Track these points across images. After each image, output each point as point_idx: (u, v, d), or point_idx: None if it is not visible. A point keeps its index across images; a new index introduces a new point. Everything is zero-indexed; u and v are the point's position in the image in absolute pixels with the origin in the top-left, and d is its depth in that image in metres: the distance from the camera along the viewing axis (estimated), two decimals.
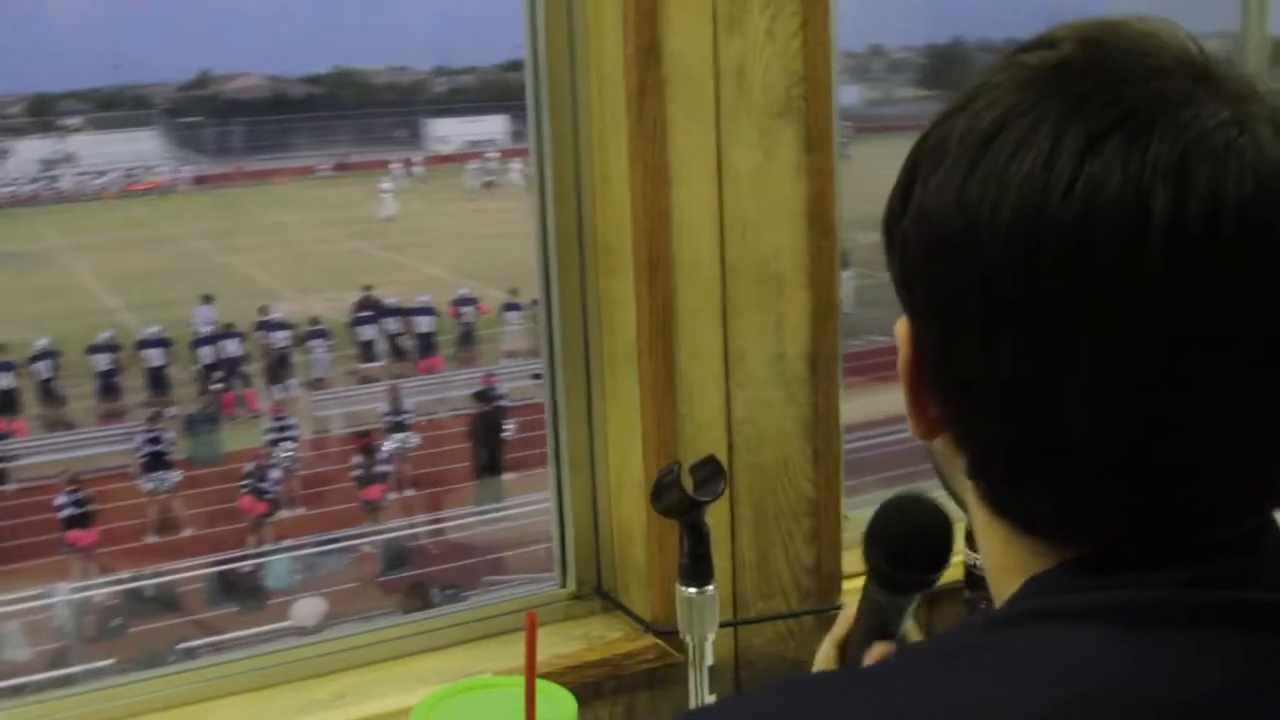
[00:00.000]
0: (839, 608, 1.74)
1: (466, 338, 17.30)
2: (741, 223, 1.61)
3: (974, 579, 1.53)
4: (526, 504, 12.57)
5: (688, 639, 1.39)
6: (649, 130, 1.55)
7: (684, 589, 1.38)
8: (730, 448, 1.66)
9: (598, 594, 1.75)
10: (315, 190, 27.14)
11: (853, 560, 1.76)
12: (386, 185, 24.98)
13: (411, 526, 12.32)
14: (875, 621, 1.05)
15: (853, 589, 1.72)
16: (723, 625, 1.61)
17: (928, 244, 0.70)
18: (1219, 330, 0.63)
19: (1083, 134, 0.64)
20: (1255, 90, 0.66)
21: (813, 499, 1.71)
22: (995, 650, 0.68)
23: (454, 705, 1.21)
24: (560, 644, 1.67)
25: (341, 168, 28.11)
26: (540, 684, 1.19)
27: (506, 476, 13.01)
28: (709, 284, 1.61)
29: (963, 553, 1.47)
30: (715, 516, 1.58)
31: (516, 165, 27.79)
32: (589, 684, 1.60)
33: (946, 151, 0.69)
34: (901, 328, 0.75)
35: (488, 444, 13.13)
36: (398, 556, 11.57)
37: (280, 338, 16.14)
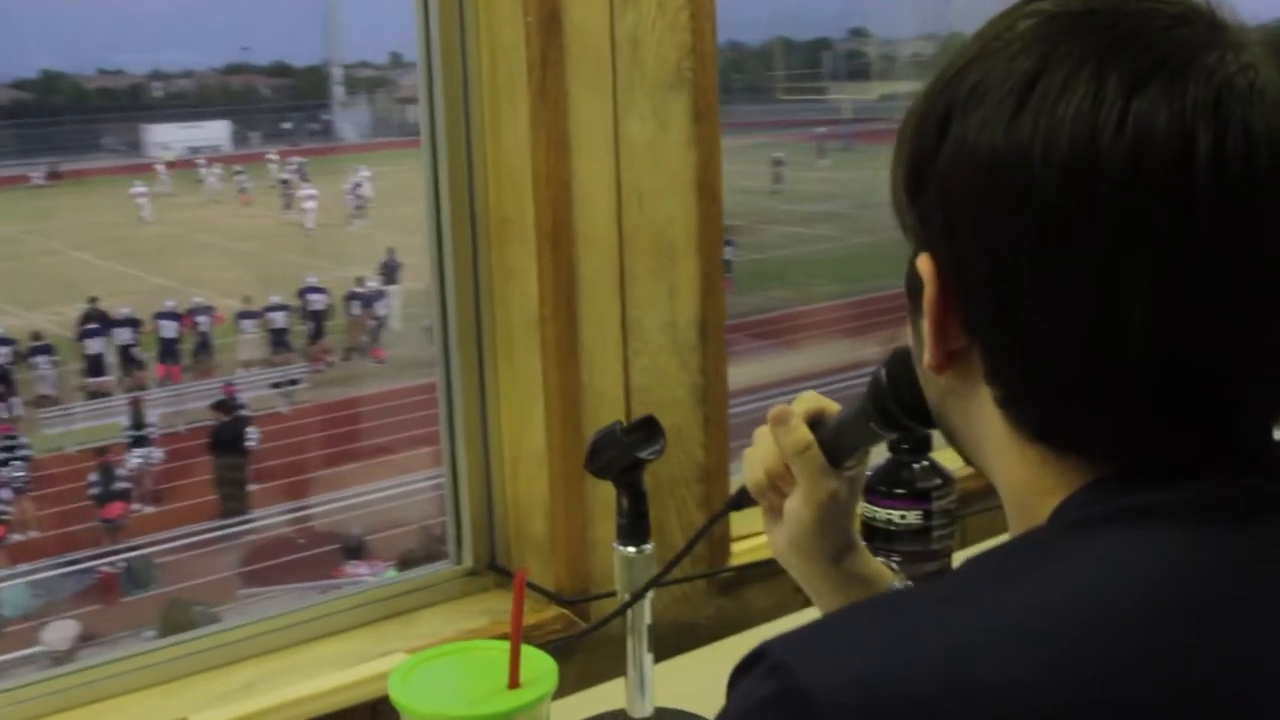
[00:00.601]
0: (731, 570, 1.79)
1: (203, 347, 16.73)
2: (637, 192, 1.64)
3: (872, 530, 1.59)
4: (275, 514, 12.26)
5: (622, 596, 1.41)
6: (551, 100, 1.55)
7: (623, 549, 1.39)
8: (628, 415, 1.68)
9: (492, 569, 1.74)
10: (31, 200, 25.73)
11: (741, 521, 1.80)
12: (138, 190, 23.88)
13: (159, 543, 11.84)
14: (854, 438, 1.11)
15: (741, 550, 1.77)
16: (608, 595, 1.64)
17: (975, 179, 0.73)
18: (1260, 251, 0.69)
19: (1126, 77, 0.68)
20: (1250, 34, 0.72)
21: (703, 464, 1.74)
22: (1083, 550, 0.71)
23: (430, 669, 1.19)
24: (464, 620, 1.66)
25: (54, 176, 26.73)
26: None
27: (252, 487, 12.68)
28: (607, 253, 1.63)
29: (861, 507, 1.53)
30: (608, 485, 1.61)
31: (241, 171, 27.02)
32: None
33: (987, 92, 0.73)
34: (926, 264, 0.77)
35: (230, 454, 12.75)
36: (143, 574, 11.11)
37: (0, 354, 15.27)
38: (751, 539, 1.82)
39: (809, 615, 1.77)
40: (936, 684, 0.65)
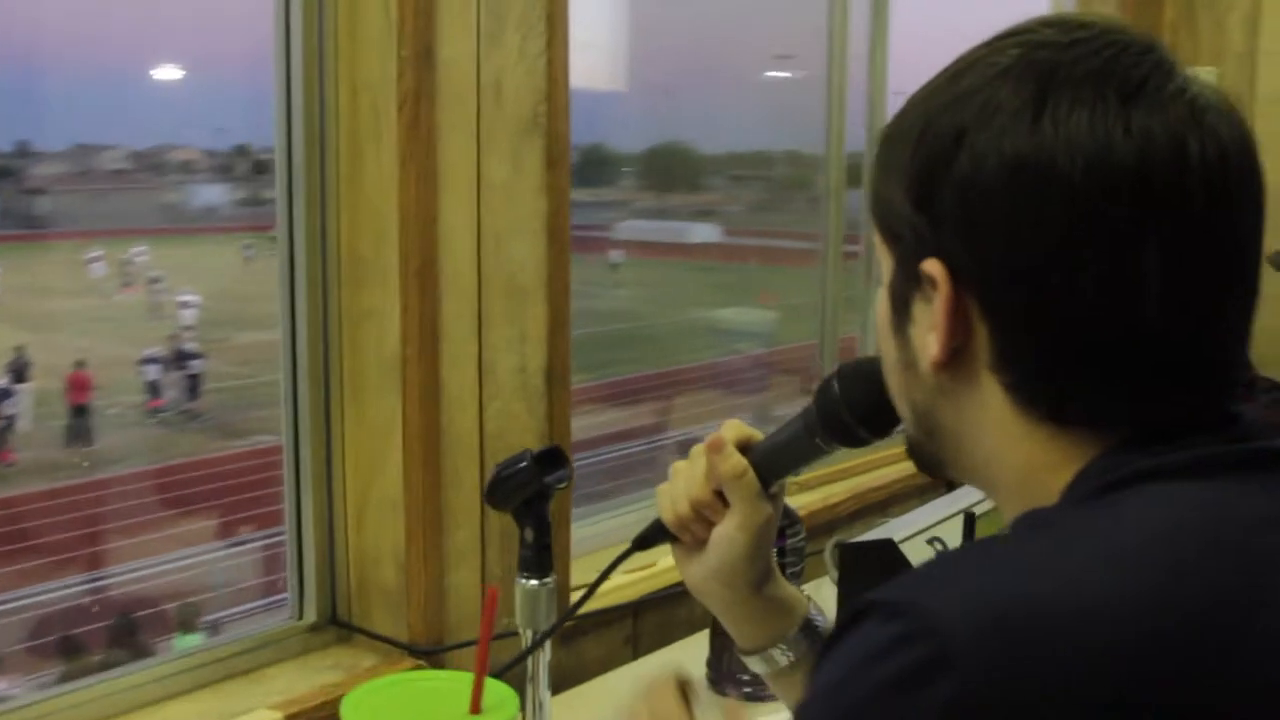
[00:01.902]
0: (572, 620, 1.77)
1: None
2: (495, 234, 1.63)
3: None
4: None
5: (527, 634, 1.38)
6: (422, 135, 1.53)
7: (526, 582, 1.36)
8: (483, 461, 1.65)
9: (333, 624, 1.66)
10: None
11: (579, 571, 1.80)
12: None
13: None
14: (791, 459, 1.10)
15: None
16: (468, 644, 1.61)
17: (1003, 179, 0.81)
18: (1234, 233, 0.81)
19: (1119, 95, 0.80)
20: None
21: (550, 511, 1.73)
22: (1123, 507, 0.78)
23: (385, 695, 1.13)
24: (317, 676, 1.57)
25: None
26: (465, 678, 1.14)
27: None
28: (468, 294, 1.61)
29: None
30: (467, 531, 1.58)
31: None
32: None
33: (999, 108, 0.82)
34: (937, 266, 0.84)
35: None
36: None
37: None
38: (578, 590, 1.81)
39: (642, 665, 1.80)
40: (1061, 607, 0.70)
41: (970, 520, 1.61)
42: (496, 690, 1.11)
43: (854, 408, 1.03)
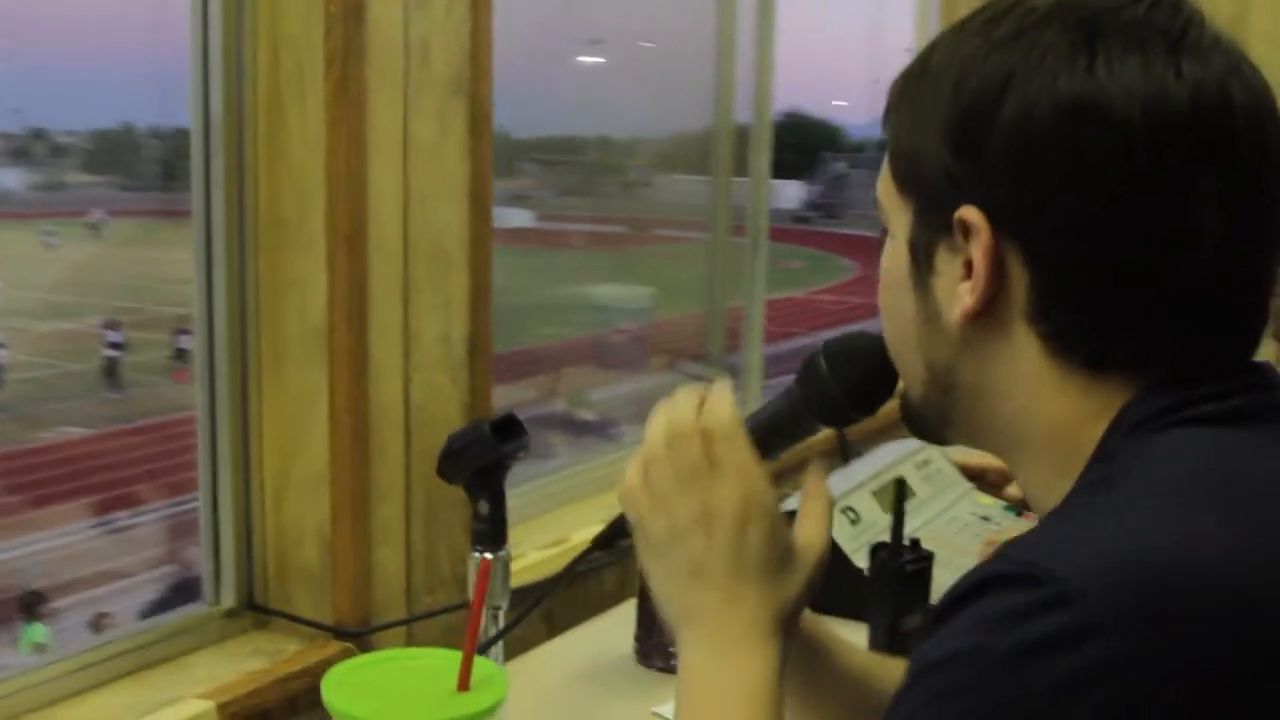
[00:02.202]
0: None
1: None
2: (421, 198, 1.57)
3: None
4: None
5: (481, 610, 1.33)
6: (352, 95, 1.47)
7: (480, 556, 1.32)
8: (408, 434, 1.59)
9: (250, 609, 1.59)
10: None
11: None
12: None
13: None
14: (778, 441, 1.01)
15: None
16: (396, 624, 1.56)
17: (1059, 121, 0.80)
18: (1275, 175, 0.82)
19: (1164, 45, 0.80)
20: None
21: None
22: (1189, 455, 0.78)
23: (366, 674, 1.07)
24: (236, 664, 1.50)
25: None
26: (447, 655, 1.09)
27: None
28: (394, 260, 1.55)
29: None
30: (393, 507, 1.54)
31: None
32: (285, 701, 1.46)
33: (1048, 51, 0.81)
34: (975, 213, 0.82)
35: None
36: None
37: None
38: (519, 560, 1.76)
39: (557, 645, 1.76)
40: (1192, 559, 0.69)
41: (901, 486, 1.61)
42: (484, 667, 1.07)
43: (845, 384, 0.97)
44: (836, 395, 0.97)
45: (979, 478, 1.96)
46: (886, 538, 1.95)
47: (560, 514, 2.04)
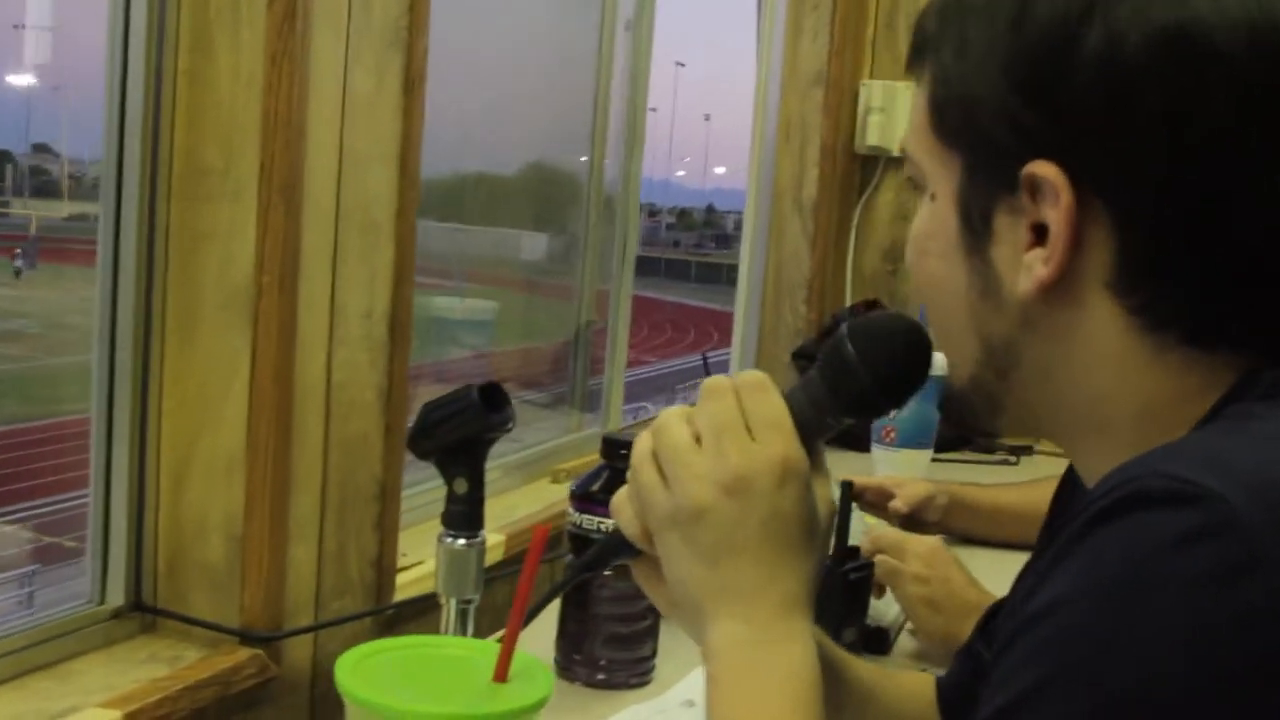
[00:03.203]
0: (392, 607, 1.56)
1: None
2: (356, 156, 1.42)
3: (585, 542, 1.48)
4: None
5: (449, 602, 1.19)
6: (298, 31, 1.31)
7: (453, 542, 1.18)
8: (328, 416, 1.43)
9: (139, 610, 1.38)
10: None
11: (407, 549, 1.61)
12: None
13: None
14: (802, 433, 0.86)
15: (409, 581, 1.57)
16: (303, 631, 1.40)
17: (1147, 59, 0.70)
18: None
19: None
20: None
21: (380, 481, 1.52)
22: None
23: (384, 659, 0.92)
24: (132, 670, 1.30)
25: None
26: (473, 644, 0.95)
27: None
28: (326, 221, 1.39)
29: (572, 516, 1.42)
30: (307, 499, 1.39)
31: None
32: (194, 713, 1.27)
33: None
34: (1051, 169, 0.72)
35: None
36: None
37: None
38: (418, 567, 1.61)
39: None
40: None
41: (848, 489, 1.54)
42: (521, 659, 0.93)
43: (875, 371, 0.85)
44: (866, 384, 0.85)
45: (858, 498, 1.91)
46: None
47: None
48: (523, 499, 2.01)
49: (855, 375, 0.85)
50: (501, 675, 0.91)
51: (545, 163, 2.50)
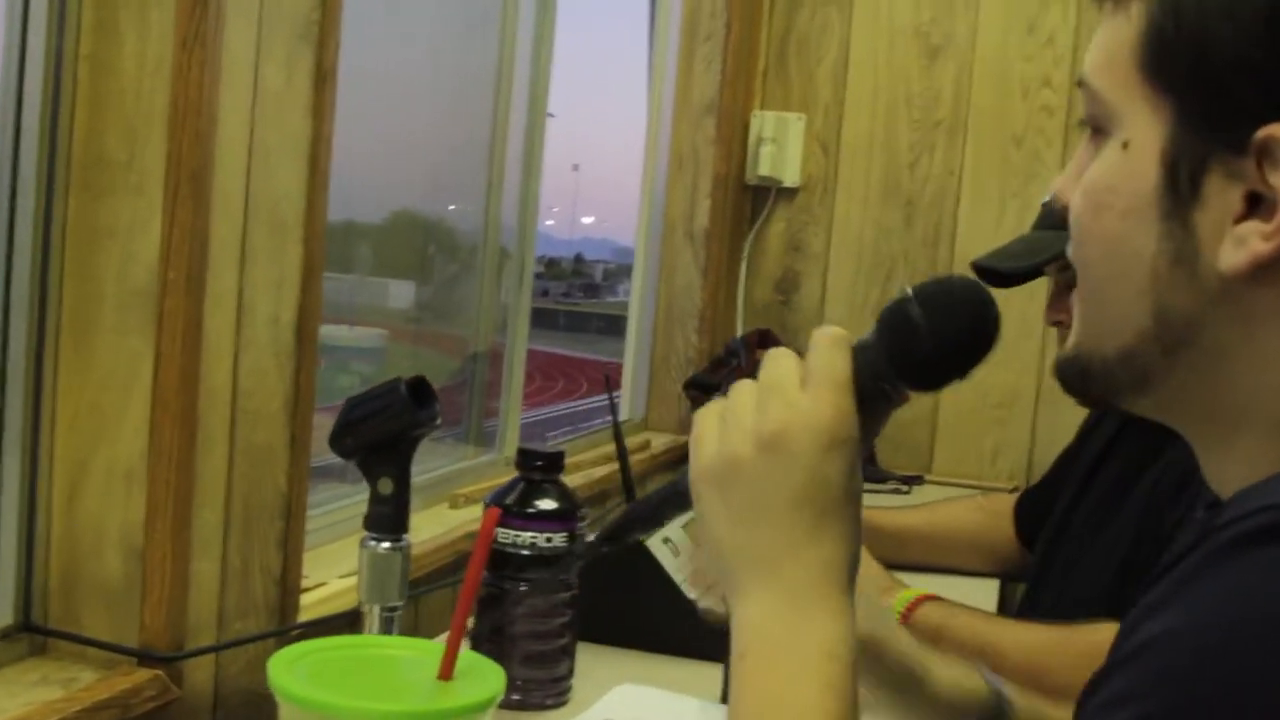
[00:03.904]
0: (297, 628, 1.49)
1: None
2: (265, 151, 1.36)
3: (502, 558, 1.42)
4: None
5: (372, 609, 1.13)
6: (211, 15, 1.25)
7: (376, 545, 1.12)
8: (233, 424, 1.36)
9: (27, 630, 1.29)
10: None
11: (313, 568, 1.53)
12: None
13: None
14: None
15: (312, 602, 1.51)
16: (206, 651, 1.33)
17: None
18: None
19: None
20: None
21: (285, 496, 1.45)
22: None
23: (320, 659, 0.85)
24: (23, 694, 1.21)
25: None
26: (414, 643, 0.89)
27: None
28: (235, 218, 1.33)
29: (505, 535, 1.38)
30: (211, 512, 1.32)
31: None
32: None
33: None
34: None
35: None
36: None
37: None
38: (321, 589, 1.54)
39: None
40: None
41: None
42: (467, 657, 0.87)
43: (941, 336, 0.81)
44: (930, 350, 0.81)
45: None
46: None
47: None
48: (423, 522, 1.94)
49: (920, 340, 0.81)
50: (447, 673, 0.86)
51: (412, 211, 2.45)
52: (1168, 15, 0.68)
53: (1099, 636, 1.52)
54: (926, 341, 0.81)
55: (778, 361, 0.81)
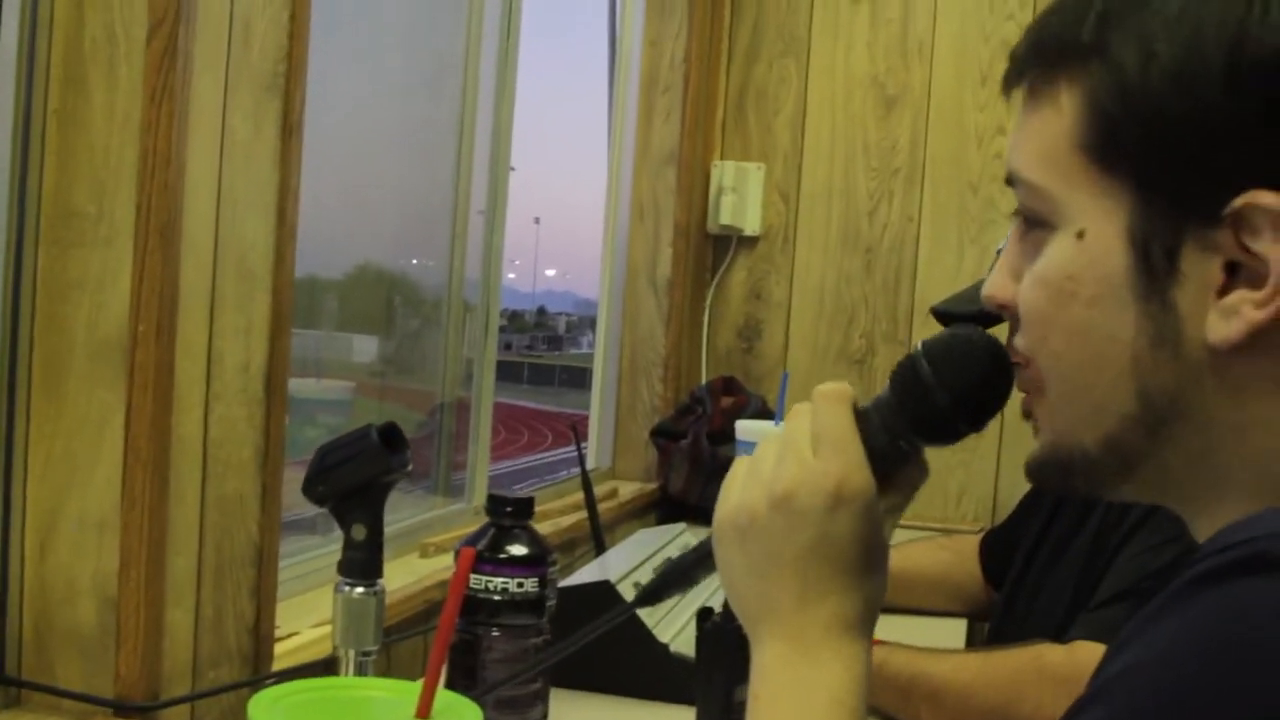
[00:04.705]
0: (272, 676, 1.49)
1: None
2: (234, 202, 1.37)
3: (474, 604, 1.43)
4: None
5: (348, 654, 1.13)
6: (179, 69, 1.26)
7: (351, 590, 1.13)
8: (205, 474, 1.36)
9: (1, 682, 1.29)
10: None
11: (287, 617, 1.53)
12: None
13: None
14: (873, 458, 0.84)
15: (285, 651, 1.51)
16: (181, 701, 1.34)
17: None
18: None
19: None
20: None
21: (257, 545, 1.46)
22: None
23: (299, 699, 0.86)
24: None
25: None
26: (392, 684, 0.90)
27: None
28: (204, 269, 1.34)
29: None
30: (184, 560, 1.33)
31: None
32: None
33: None
34: (1271, 197, 0.62)
35: None
36: None
37: None
38: (293, 638, 1.54)
39: None
40: None
41: None
42: (445, 696, 0.88)
43: (953, 391, 0.81)
44: (944, 405, 0.82)
45: None
46: (677, 617, 1.85)
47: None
48: (394, 572, 1.94)
49: (932, 395, 0.82)
50: (425, 711, 0.87)
51: (375, 265, 2.46)
52: (1112, 99, 0.65)
53: (1024, 657, 1.56)
54: (937, 397, 0.82)
55: (799, 418, 0.83)
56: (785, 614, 0.80)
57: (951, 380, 0.82)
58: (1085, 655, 1.49)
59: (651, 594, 0.94)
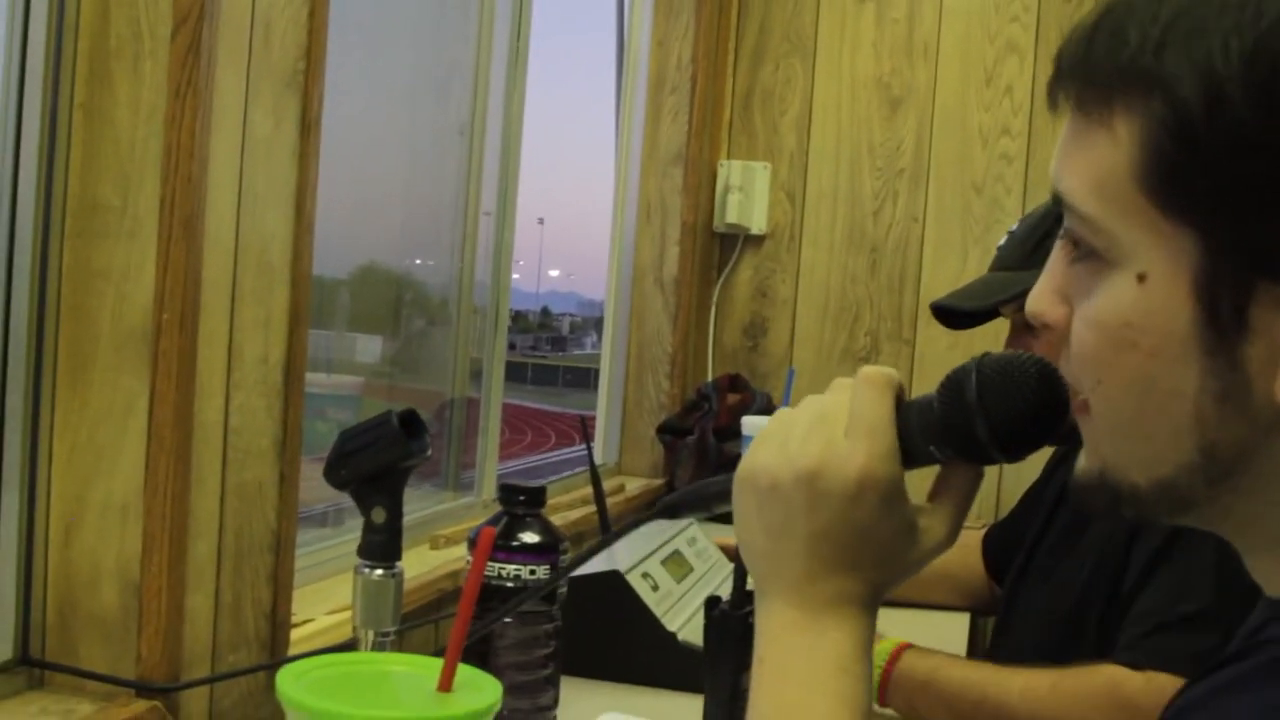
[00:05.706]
0: (291, 660, 1.52)
1: None
2: (254, 196, 1.40)
3: (486, 590, 1.46)
4: None
5: (367, 635, 1.16)
6: (202, 64, 1.29)
7: (370, 572, 1.16)
8: (225, 461, 1.39)
9: (25, 664, 1.32)
10: None
11: (303, 605, 1.56)
12: None
13: None
14: (911, 453, 0.84)
15: (301, 638, 1.54)
16: (202, 682, 1.37)
17: None
18: None
19: None
20: None
21: (275, 532, 1.49)
22: None
23: (326, 672, 0.89)
24: None
25: None
26: (412, 659, 0.93)
27: None
28: (225, 261, 1.37)
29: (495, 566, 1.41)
30: (204, 546, 1.36)
31: None
32: None
33: None
34: None
35: None
36: None
37: None
38: (308, 624, 1.57)
39: None
40: None
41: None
42: (465, 671, 0.91)
43: (993, 421, 0.79)
44: (982, 434, 0.79)
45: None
46: (685, 606, 1.88)
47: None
48: (405, 563, 1.96)
49: (971, 420, 0.80)
50: (446, 685, 0.89)
51: (382, 265, 2.49)
52: (1175, 141, 0.60)
53: (1097, 681, 1.53)
54: (976, 424, 0.80)
55: (837, 396, 0.83)
56: (793, 582, 0.81)
57: (994, 409, 0.79)
58: (1162, 686, 1.45)
59: (670, 508, 0.97)
